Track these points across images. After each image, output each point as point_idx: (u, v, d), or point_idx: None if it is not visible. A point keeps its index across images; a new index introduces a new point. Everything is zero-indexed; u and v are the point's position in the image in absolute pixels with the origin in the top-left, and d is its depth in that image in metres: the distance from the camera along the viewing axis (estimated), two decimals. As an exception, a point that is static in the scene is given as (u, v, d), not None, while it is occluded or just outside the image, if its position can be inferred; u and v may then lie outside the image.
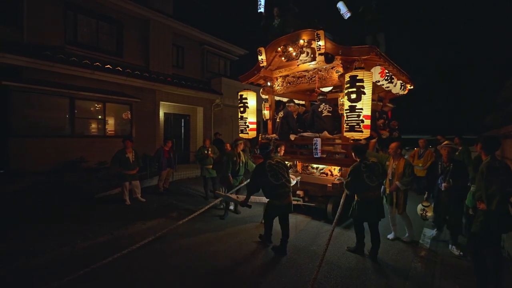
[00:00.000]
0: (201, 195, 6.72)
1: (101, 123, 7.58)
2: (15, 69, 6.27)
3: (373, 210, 3.34)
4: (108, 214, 5.05)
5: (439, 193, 3.68)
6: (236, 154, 5.13)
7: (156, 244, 3.78)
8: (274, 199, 3.50)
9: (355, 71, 3.73)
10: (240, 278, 2.97)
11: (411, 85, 5.96)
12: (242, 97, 5.55)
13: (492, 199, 2.41)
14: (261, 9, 5.64)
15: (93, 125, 7.53)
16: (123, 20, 8.86)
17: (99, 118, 7.55)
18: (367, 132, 3.79)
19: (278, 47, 4.87)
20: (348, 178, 3.37)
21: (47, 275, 2.95)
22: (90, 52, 8.05)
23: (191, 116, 11.02)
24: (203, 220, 4.91)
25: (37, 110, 6.43)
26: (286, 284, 2.84)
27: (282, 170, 3.51)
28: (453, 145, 3.59)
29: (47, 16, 7.23)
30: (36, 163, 6.28)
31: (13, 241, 3.74)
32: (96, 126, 7.56)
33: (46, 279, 2.73)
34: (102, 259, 3.05)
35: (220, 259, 3.43)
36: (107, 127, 7.70)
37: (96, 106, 7.52)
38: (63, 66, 6.65)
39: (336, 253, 3.58)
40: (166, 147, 6.66)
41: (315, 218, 5.00)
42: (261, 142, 3.90)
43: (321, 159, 4.53)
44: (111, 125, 7.85)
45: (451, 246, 3.66)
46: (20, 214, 4.79)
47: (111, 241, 4.08)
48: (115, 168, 5.52)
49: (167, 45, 10.03)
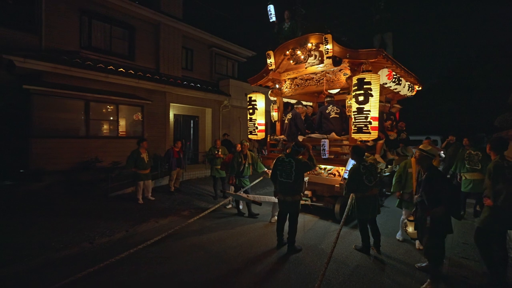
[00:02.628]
0: (210, 195, 6.89)
1: (114, 124, 7.84)
2: (35, 73, 6.58)
3: (370, 208, 3.51)
4: (122, 212, 5.26)
5: (415, 206, 3.14)
6: (242, 155, 5.24)
7: (169, 241, 3.95)
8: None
9: (363, 74, 3.81)
10: (251, 274, 3.09)
11: (419, 86, 5.98)
12: (251, 99, 5.69)
13: (498, 196, 2.49)
14: (273, 18, 5.79)
15: (106, 127, 7.80)
16: (135, 25, 9.13)
17: (113, 119, 7.82)
18: (375, 134, 3.87)
19: (286, 51, 4.99)
20: (348, 180, 3.53)
21: (71, 267, 3.15)
22: (104, 56, 8.34)
23: (200, 117, 11.23)
24: (213, 218, 5.07)
25: (55, 112, 6.72)
26: (296, 281, 2.96)
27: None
28: (428, 149, 2.94)
29: (64, 22, 7.54)
30: (54, 163, 6.57)
31: (37, 236, 3.97)
32: (110, 128, 7.83)
33: (71, 271, 2.92)
34: (119, 254, 3.23)
35: (231, 255, 3.56)
36: (119, 128, 7.95)
37: (110, 108, 7.78)
38: (80, 70, 6.93)
39: (344, 251, 3.67)
40: (176, 147, 6.86)
41: (322, 217, 5.09)
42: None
43: (329, 160, 4.62)
44: (123, 127, 8.11)
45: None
46: (41, 211, 5.05)
47: (126, 237, 4.28)
48: (131, 167, 5.74)
49: (177, 48, 10.27)
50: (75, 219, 4.80)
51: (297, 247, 3.64)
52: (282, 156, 3.72)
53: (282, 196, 3.66)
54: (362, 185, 3.41)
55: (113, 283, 2.91)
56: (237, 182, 5.12)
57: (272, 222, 4.83)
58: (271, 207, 5.04)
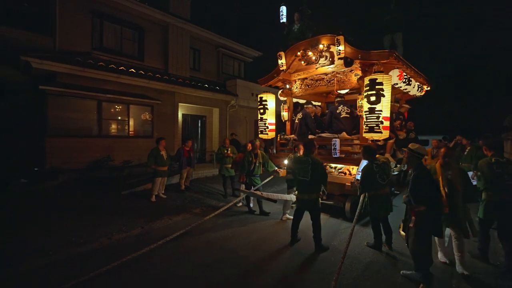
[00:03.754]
0: (220, 193, 7.00)
1: (125, 124, 8.00)
2: (50, 74, 6.76)
3: (382, 206, 3.58)
4: (136, 210, 5.40)
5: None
6: (253, 154, 5.34)
7: (184, 238, 4.05)
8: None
9: (375, 75, 3.89)
10: (266, 270, 3.19)
11: (428, 86, 6.03)
12: (262, 99, 5.79)
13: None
14: (284, 19, 5.89)
15: (118, 126, 7.96)
16: (144, 26, 9.29)
17: (124, 119, 7.98)
18: (386, 133, 3.94)
19: (297, 52, 5.08)
20: (361, 179, 3.61)
21: (94, 261, 3.28)
22: (114, 57, 8.51)
23: (207, 117, 11.36)
24: (225, 216, 5.17)
25: (69, 112, 6.89)
26: (311, 275, 3.05)
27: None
28: (415, 148, 2.89)
29: (77, 24, 7.72)
30: (68, 162, 6.74)
31: (58, 232, 4.12)
32: (121, 127, 7.99)
33: (94, 265, 3.05)
34: (137, 249, 3.37)
35: (246, 252, 3.67)
36: (130, 127, 8.11)
37: (121, 108, 7.95)
38: (93, 71, 7.10)
39: (356, 248, 3.75)
40: (186, 146, 6.98)
41: (332, 216, 5.17)
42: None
43: (340, 159, 4.70)
44: (134, 126, 8.27)
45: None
46: (59, 208, 5.21)
47: (142, 234, 4.40)
48: (152, 165, 5.94)
49: (185, 49, 10.41)
50: (92, 215, 4.94)
51: (324, 245, 3.69)
52: (301, 155, 3.82)
53: (299, 194, 3.76)
54: (375, 183, 3.50)
55: (136, 277, 3.03)
56: (247, 180, 5.22)
57: (283, 220, 4.93)
58: (282, 205, 5.13)
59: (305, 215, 4.05)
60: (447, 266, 3.30)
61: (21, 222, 4.43)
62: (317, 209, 3.73)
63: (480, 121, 16.79)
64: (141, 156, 8.00)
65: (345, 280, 2.93)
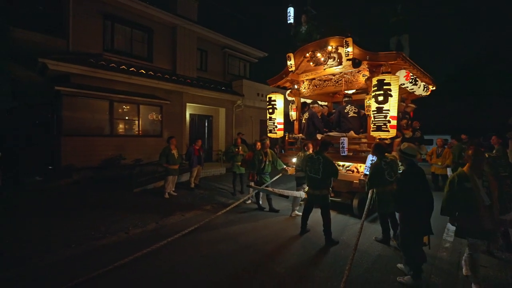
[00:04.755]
0: (228, 191, 7.18)
1: (135, 123, 8.21)
2: (64, 75, 6.97)
3: (390, 202, 3.64)
4: (149, 206, 5.59)
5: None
6: (263, 152, 5.51)
7: (198, 232, 4.22)
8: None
9: (383, 75, 4.04)
10: (281, 262, 3.35)
11: (434, 86, 6.15)
12: (270, 99, 5.95)
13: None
14: (291, 20, 6.03)
15: (128, 126, 8.17)
16: (153, 27, 9.49)
17: (134, 119, 8.18)
18: (394, 132, 4.08)
19: (306, 53, 5.23)
20: (370, 175, 3.74)
21: (115, 253, 3.46)
22: (125, 58, 8.71)
23: (214, 116, 11.55)
24: (236, 212, 5.34)
25: (82, 112, 7.10)
26: (324, 266, 3.22)
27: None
28: (405, 148, 2.97)
29: (89, 26, 7.94)
30: (82, 160, 6.96)
31: (78, 227, 4.32)
32: (132, 127, 8.19)
33: (116, 257, 3.24)
34: (154, 243, 3.55)
35: (259, 245, 3.83)
36: (140, 127, 8.32)
37: (132, 108, 8.15)
38: (106, 72, 7.31)
39: (365, 243, 3.90)
40: (196, 145, 7.16)
41: (340, 212, 5.32)
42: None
43: (348, 157, 4.85)
44: (144, 126, 8.47)
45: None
46: (76, 205, 5.41)
47: (157, 228, 4.59)
48: (163, 163, 6.12)
49: (192, 50, 10.60)
50: (107, 212, 5.14)
51: (334, 239, 3.85)
52: (312, 153, 3.98)
53: (311, 190, 3.93)
54: (383, 180, 3.63)
55: (158, 266, 3.21)
56: (258, 178, 5.38)
57: (293, 216, 5.09)
58: (291, 202, 5.29)
59: (314, 212, 4.23)
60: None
61: (42, 218, 4.64)
62: (328, 204, 3.89)
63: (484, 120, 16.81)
64: (151, 154, 8.21)
65: (357, 272, 3.08)
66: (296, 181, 5.09)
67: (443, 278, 3.00)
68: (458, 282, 2.92)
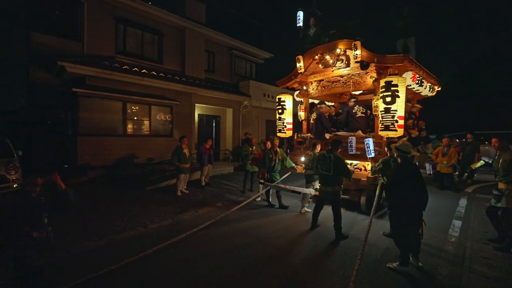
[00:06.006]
0: (237, 189, 7.39)
1: (147, 124, 8.47)
2: (80, 77, 7.25)
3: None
4: (164, 203, 5.82)
5: None
6: (273, 151, 5.71)
7: (214, 227, 4.43)
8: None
9: (390, 77, 4.21)
10: (294, 254, 3.55)
11: (439, 87, 6.30)
12: (280, 100, 6.15)
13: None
14: (300, 23, 6.23)
15: (140, 126, 8.43)
16: (163, 30, 9.76)
17: (146, 119, 8.44)
18: (401, 131, 4.26)
19: (315, 55, 5.42)
20: (378, 166, 4.01)
21: (136, 246, 3.69)
22: (136, 60, 8.99)
23: (221, 117, 11.78)
24: (247, 209, 5.53)
25: (97, 113, 7.37)
26: (335, 257, 3.41)
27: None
28: (399, 145, 3.26)
29: (102, 30, 8.23)
30: (97, 159, 7.23)
31: (99, 221, 4.57)
32: (144, 127, 8.45)
33: (138, 249, 3.46)
34: (172, 237, 3.77)
35: (272, 239, 4.03)
36: (152, 127, 8.57)
37: (143, 108, 8.41)
38: (120, 74, 7.58)
39: (373, 237, 4.07)
40: (207, 145, 7.38)
41: (348, 209, 5.49)
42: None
43: (356, 156, 5.03)
44: (155, 126, 8.72)
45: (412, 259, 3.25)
46: (94, 202, 5.67)
47: (174, 224, 4.81)
48: (175, 162, 6.34)
49: (201, 51, 10.85)
50: (124, 208, 5.38)
51: (343, 234, 4.04)
52: (323, 152, 4.18)
53: (323, 187, 4.14)
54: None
55: (177, 258, 3.43)
56: (268, 176, 5.58)
57: (302, 213, 5.28)
58: (301, 199, 5.48)
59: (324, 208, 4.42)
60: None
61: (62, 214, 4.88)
62: (339, 200, 4.09)
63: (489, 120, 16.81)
64: (162, 154, 8.46)
65: (367, 263, 3.26)
66: (306, 179, 5.27)
67: (448, 269, 3.17)
68: (464, 273, 3.09)
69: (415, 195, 3.01)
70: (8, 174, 5.53)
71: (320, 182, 4.25)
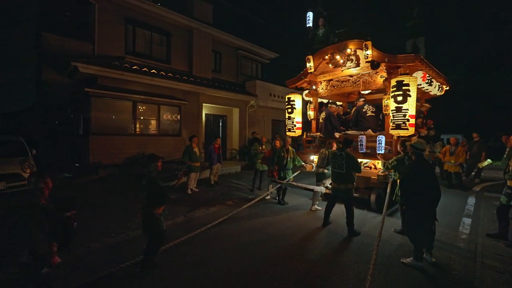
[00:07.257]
0: (246, 187, 7.47)
1: (156, 123, 8.58)
2: (91, 77, 7.37)
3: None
4: (175, 201, 5.91)
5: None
6: (284, 150, 5.79)
7: (226, 224, 4.50)
8: None
9: (402, 77, 4.27)
10: (308, 250, 3.63)
11: (447, 86, 6.34)
12: (290, 99, 6.22)
13: None
14: (309, 23, 6.30)
15: (150, 125, 8.54)
16: (171, 31, 9.87)
17: (155, 118, 8.55)
18: (412, 130, 4.32)
19: (325, 55, 5.49)
20: (392, 163, 4.05)
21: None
22: (145, 60, 9.10)
23: (228, 116, 11.88)
24: (257, 207, 5.62)
25: (108, 112, 7.50)
26: (350, 252, 3.49)
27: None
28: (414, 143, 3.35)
29: (112, 31, 8.35)
30: (108, 158, 7.34)
31: (114, 219, 4.68)
32: (152, 126, 8.57)
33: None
34: (186, 233, 3.85)
35: (285, 235, 4.11)
36: (161, 126, 8.68)
37: (152, 108, 8.52)
38: (130, 74, 7.69)
39: (385, 234, 4.09)
40: (216, 144, 7.47)
41: (358, 207, 5.54)
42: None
43: (366, 154, 5.09)
44: (164, 125, 8.83)
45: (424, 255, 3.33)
46: (108, 199, 5.78)
47: (186, 221, 4.92)
48: (186, 160, 6.41)
49: (208, 52, 10.95)
50: (138, 205, 5.44)
51: (356, 231, 4.11)
52: (335, 150, 4.26)
53: (336, 185, 4.21)
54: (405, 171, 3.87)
55: (191, 253, 3.53)
56: (281, 174, 5.66)
57: (313, 210, 5.35)
58: (311, 197, 5.55)
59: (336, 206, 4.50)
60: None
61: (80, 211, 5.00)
62: (351, 197, 4.16)
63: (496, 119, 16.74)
64: (171, 152, 8.57)
65: (381, 258, 3.33)
66: (316, 177, 5.34)
67: (462, 264, 3.23)
68: (477, 268, 3.15)
69: (429, 191, 3.10)
70: (24, 172, 5.67)
71: (333, 180, 4.32)
